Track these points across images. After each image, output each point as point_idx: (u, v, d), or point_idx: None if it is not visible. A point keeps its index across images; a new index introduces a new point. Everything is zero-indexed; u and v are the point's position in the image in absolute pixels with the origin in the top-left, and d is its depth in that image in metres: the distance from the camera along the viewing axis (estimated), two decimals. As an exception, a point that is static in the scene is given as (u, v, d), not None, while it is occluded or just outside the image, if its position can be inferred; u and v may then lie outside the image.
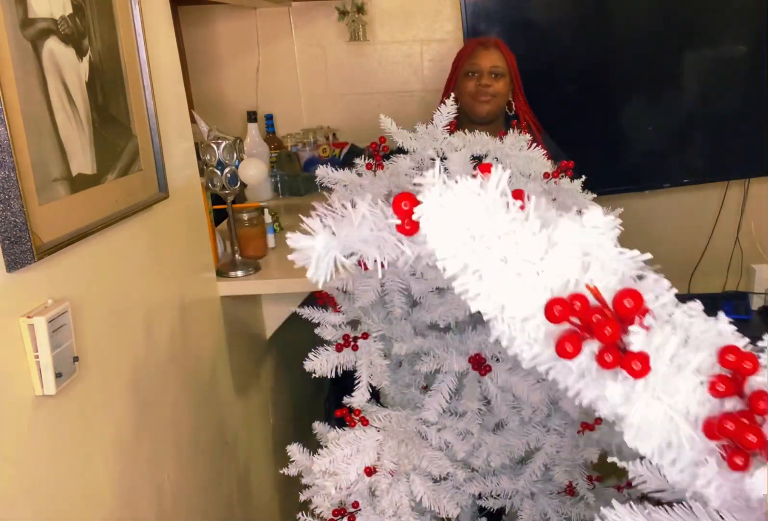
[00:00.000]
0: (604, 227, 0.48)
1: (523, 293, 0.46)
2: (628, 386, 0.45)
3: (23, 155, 0.86)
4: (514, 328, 0.47)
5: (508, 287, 0.47)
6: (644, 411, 0.45)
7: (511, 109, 2.03)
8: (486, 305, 0.47)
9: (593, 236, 0.47)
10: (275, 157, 2.63)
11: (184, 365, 1.39)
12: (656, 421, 0.45)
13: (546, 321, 0.46)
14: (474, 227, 0.47)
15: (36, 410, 0.90)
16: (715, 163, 2.64)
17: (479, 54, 1.99)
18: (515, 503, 1.10)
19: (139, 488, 1.17)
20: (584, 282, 0.46)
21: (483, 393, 1.07)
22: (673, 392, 0.45)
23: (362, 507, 1.05)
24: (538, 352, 0.47)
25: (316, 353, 1.08)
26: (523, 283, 0.47)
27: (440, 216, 0.48)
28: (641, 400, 0.45)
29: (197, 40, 2.77)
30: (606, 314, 0.45)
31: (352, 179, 1.10)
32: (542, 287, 0.46)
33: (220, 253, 1.76)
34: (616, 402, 0.45)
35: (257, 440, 1.88)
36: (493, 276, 0.47)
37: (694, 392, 0.45)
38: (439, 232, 0.48)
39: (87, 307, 1.02)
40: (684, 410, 0.45)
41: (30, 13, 0.90)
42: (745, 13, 2.51)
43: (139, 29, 1.21)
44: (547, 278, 0.47)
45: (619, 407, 0.45)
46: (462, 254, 0.47)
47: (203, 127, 1.58)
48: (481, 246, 0.47)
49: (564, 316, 0.45)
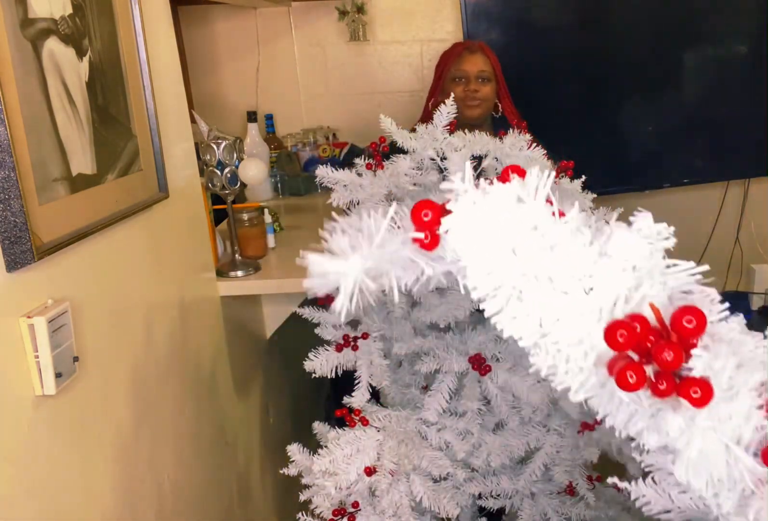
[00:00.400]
0: (655, 237, 0.42)
1: (571, 315, 0.40)
2: (688, 417, 0.39)
3: (23, 155, 0.86)
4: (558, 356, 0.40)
5: (552, 309, 0.40)
6: (702, 443, 0.39)
7: (497, 112, 2.03)
8: (524, 330, 0.41)
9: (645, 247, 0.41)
10: (275, 157, 2.63)
11: (184, 365, 1.39)
12: (713, 451, 0.39)
13: (595, 346, 0.39)
14: (515, 241, 0.40)
15: (36, 410, 0.90)
16: (715, 163, 2.64)
17: (466, 59, 1.99)
18: (515, 503, 1.10)
19: (139, 488, 1.17)
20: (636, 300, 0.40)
21: (483, 393, 1.07)
22: (727, 418, 0.39)
23: (362, 507, 1.05)
24: (585, 381, 0.40)
25: (316, 353, 1.08)
26: (571, 303, 0.40)
27: (474, 228, 0.41)
28: (700, 431, 0.39)
29: (197, 40, 2.77)
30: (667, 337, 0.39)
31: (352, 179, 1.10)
32: (592, 307, 0.40)
33: (220, 253, 1.76)
34: (674, 435, 0.39)
35: (257, 440, 1.88)
36: (535, 296, 0.40)
37: (748, 417, 0.39)
38: (473, 247, 0.40)
39: (87, 307, 1.02)
40: (737, 437, 0.39)
41: (30, 13, 0.90)
42: (745, 13, 2.51)
43: (139, 29, 1.21)
44: (597, 297, 0.40)
45: (675, 440, 0.40)
46: (499, 271, 0.40)
47: (203, 128, 1.58)
48: (522, 262, 0.40)
49: (629, 342, 0.39)
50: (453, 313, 1.05)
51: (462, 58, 1.99)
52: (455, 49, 2.05)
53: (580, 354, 0.40)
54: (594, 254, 0.41)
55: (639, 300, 0.40)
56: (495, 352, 1.08)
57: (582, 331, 0.40)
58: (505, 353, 1.08)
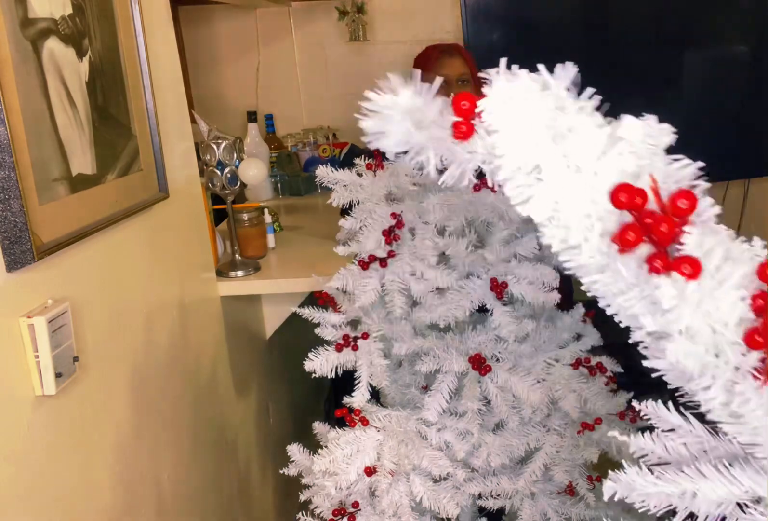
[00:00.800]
0: (658, 134, 0.46)
1: (582, 190, 0.44)
2: (679, 288, 0.43)
3: (23, 155, 0.86)
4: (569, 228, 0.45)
5: (567, 184, 0.44)
6: (692, 319, 0.43)
7: None
8: (539, 208, 0.45)
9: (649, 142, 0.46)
10: (275, 157, 2.63)
11: (184, 365, 1.39)
12: (701, 331, 0.44)
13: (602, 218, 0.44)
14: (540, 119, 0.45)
15: (36, 410, 0.90)
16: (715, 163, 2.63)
17: (445, 63, 1.96)
18: (515, 503, 1.10)
19: (139, 488, 1.17)
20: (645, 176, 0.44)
21: (483, 393, 1.07)
22: (714, 305, 0.43)
23: (362, 507, 1.05)
24: (592, 254, 0.45)
25: (316, 353, 1.08)
26: (583, 179, 0.45)
27: (506, 107, 0.45)
28: (691, 303, 0.43)
29: (197, 40, 2.77)
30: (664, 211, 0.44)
31: (352, 179, 1.10)
32: (602, 183, 0.44)
33: (220, 253, 1.76)
34: (666, 304, 0.43)
35: (257, 440, 1.88)
36: (553, 172, 0.45)
37: (734, 307, 0.44)
38: (504, 124, 0.45)
39: (87, 307, 1.02)
40: (724, 323, 0.44)
41: (30, 13, 0.90)
42: (745, 13, 2.51)
43: (139, 29, 1.21)
44: (607, 175, 0.45)
45: (668, 314, 0.44)
46: (524, 147, 0.45)
47: (203, 128, 1.58)
48: (545, 139, 0.45)
49: (631, 200, 0.43)
50: (453, 313, 1.05)
51: (441, 62, 1.96)
52: (432, 53, 2.01)
53: (587, 226, 0.45)
54: (605, 136, 0.45)
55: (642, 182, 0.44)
56: (495, 352, 1.08)
57: (590, 205, 0.44)
58: (505, 353, 1.08)
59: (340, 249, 1.11)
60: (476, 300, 1.05)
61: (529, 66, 0.50)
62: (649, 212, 0.44)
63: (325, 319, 1.13)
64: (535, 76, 0.47)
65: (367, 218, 1.08)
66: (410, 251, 1.07)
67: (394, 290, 1.07)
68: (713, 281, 0.44)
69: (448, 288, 1.07)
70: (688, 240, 0.44)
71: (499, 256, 1.05)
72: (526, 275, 1.05)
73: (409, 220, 1.08)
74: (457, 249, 1.06)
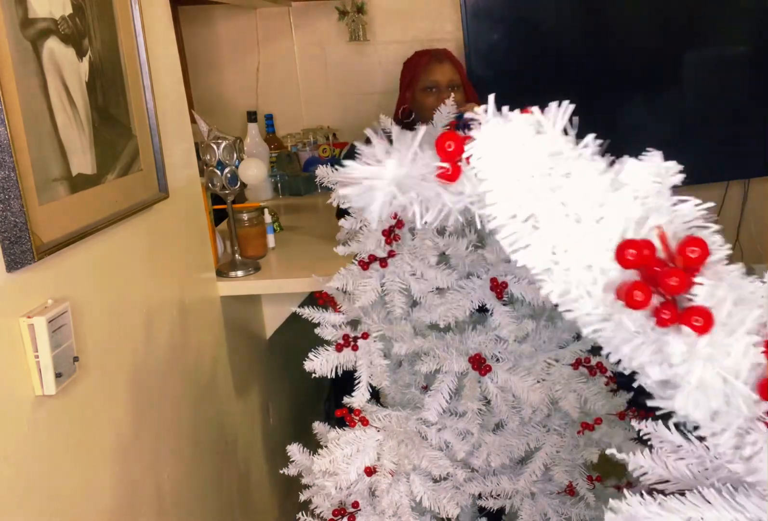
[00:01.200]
0: (664, 174, 0.43)
1: (582, 241, 0.42)
2: (690, 343, 0.40)
3: (23, 155, 0.86)
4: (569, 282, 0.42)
5: (566, 234, 0.42)
6: (702, 372, 0.41)
7: None
8: (536, 257, 0.42)
9: (654, 182, 0.43)
10: (275, 157, 2.63)
11: (184, 365, 1.39)
12: (712, 383, 0.41)
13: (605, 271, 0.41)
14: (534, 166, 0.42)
15: (36, 410, 0.90)
16: (715, 163, 2.64)
17: (435, 69, 1.96)
18: (515, 503, 1.10)
19: (139, 488, 1.17)
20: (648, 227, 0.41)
21: (483, 393, 1.07)
22: (726, 354, 0.41)
23: (362, 507, 1.05)
24: (595, 306, 0.42)
25: (316, 353, 1.08)
26: (583, 230, 0.42)
27: (496, 153, 0.42)
28: (701, 358, 0.40)
29: (197, 40, 2.76)
30: (674, 262, 0.41)
31: (352, 179, 1.10)
32: (602, 234, 0.42)
33: (220, 253, 1.76)
34: (675, 360, 0.41)
35: (257, 440, 1.88)
36: (550, 222, 0.42)
37: (746, 354, 0.41)
38: (494, 171, 0.42)
39: (87, 307, 1.02)
40: (735, 372, 0.41)
41: (30, 13, 0.90)
42: (745, 13, 2.51)
43: (139, 29, 1.21)
44: (610, 224, 0.42)
45: (677, 367, 0.41)
46: (517, 196, 0.42)
47: (203, 128, 1.58)
48: (540, 187, 0.42)
49: (638, 259, 0.40)
50: (453, 313, 1.05)
51: (431, 68, 1.97)
52: (421, 59, 2.02)
53: (589, 280, 0.42)
54: (606, 183, 0.42)
55: (647, 230, 0.42)
56: (495, 352, 1.08)
57: (592, 257, 0.42)
58: (505, 353, 1.08)
59: (340, 249, 1.11)
60: (476, 300, 1.05)
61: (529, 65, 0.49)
62: (657, 261, 0.41)
63: (325, 319, 1.13)
64: (529, 118, 0.43)
65: (367, 218, 1.08)
66: (410, 251, 1.07)
67: (394, 290, 1.07)
68: (725, 330, 0.41)
69: (448, 288, 1.07)
70: (699, 291, 0.41)
71: (499, 256, 1.05)
72: (526, 275, 1.05)
73: (409, 220, 1.08)
74: (457, 249, 1.06)
